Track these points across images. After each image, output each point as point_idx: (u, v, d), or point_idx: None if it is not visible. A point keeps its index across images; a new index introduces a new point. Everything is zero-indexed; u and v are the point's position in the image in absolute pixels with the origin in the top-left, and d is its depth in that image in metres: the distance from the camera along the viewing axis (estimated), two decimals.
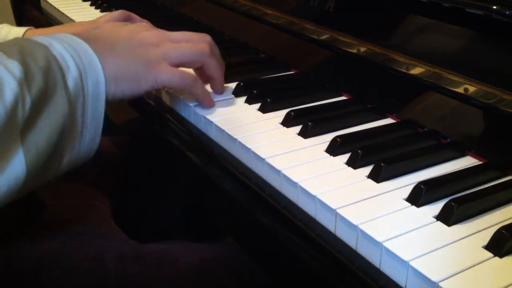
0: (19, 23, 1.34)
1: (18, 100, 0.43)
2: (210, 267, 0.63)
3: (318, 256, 0.44)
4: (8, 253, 0.57)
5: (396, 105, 0.63)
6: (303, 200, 0.47)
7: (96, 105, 0.50)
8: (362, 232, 0.42)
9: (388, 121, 0.62)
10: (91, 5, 1.10)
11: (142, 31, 0.58)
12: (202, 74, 0.64)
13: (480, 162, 0.53)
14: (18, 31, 0.74)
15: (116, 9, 1.02)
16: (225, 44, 0.89)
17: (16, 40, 0.49)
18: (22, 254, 0.57)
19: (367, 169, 0.50)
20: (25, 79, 0.44)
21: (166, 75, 0.57)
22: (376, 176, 0.49)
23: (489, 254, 0.40)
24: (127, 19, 0.82)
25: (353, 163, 0.51)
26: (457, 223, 0.43)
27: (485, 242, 0.41)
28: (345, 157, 0.52)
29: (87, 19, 0.98)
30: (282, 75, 0.75)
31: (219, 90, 0.65)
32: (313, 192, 0.46)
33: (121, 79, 0.53)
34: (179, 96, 0.64)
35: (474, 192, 0.47)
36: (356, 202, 0.45)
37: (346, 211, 0.44)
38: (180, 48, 0.59)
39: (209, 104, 0.61)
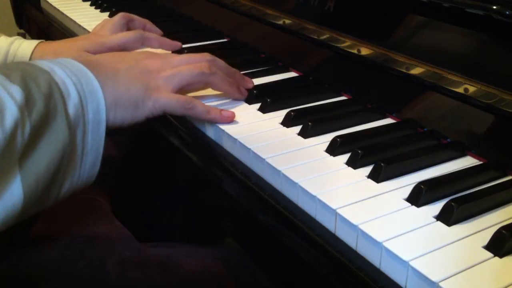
0: (19, 23, 1.34)
1: (17, 126, 0.42)
2: (212, 272, 0.63)
3: (318, 256, 0.44)
4: (11, 260, 0.57)
5: (396, 105, 0.63)
6: (303, 200, 0.47)
7: (97, 132, 0.50)
8: (362, 232, 0.42)
9: (388, 121, 0.62)
10: (91, 5, 1.10)
11: (144, 59, 0.59)
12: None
13: (480, 162, 0.53)
14: (29, 45, 0.74)
15: (116, 9, 1.02)
16: (225, 44, 0.89)
17: (19, 64, 0.49)
18: (24, 261, 0.57)
19: (367, 169, 0.50)
20: (26, 105, 0.43)
21: (163, 100, 0.57)
22: (376, 176, 0.49)
23: (489, 254, 0.40)
24: (128, 22, 0.83)
25: (353, 163, 0.51)
26: (457, 223, 0.43)
27: (485, 242, 0.41)
28: (345, 157, 0.52)
29: (87, 19, 0.98)
30: (282, 75, 0.75)
31: (236, 97, 0.65)
32: (313, 192, 0.46)
33: (120, 105, 0.54)
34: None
35: (474, 192, 0.47)
36: (356, 202, 0.45)
37: (346, 211, 0.44)
38: (179, 72, 0.59)
39: (216, 119, 0.59)
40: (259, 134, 0.57)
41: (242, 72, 0.70)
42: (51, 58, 0.74)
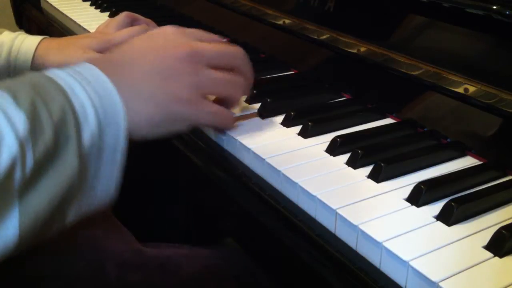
0: (19, 23, 1.34)
1: (16, 162, 0.37)
2: (212, 273, 0.63)
3: (318, 256, 0.44)
4: (11, 260, 0.57)
5: (396, 105, 0.63)
6: (303, 200, 0.47)
7: (114, 158, 0.45)
8: (362, 232, 0.42)
9: (388, 121, 0.62)
10: (91, 5, 1.10)
11: (175, 54, 0.52)
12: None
13: (480, 162, 0.53)
14: (33, 40, 0.74)
15: (116, 9, 1.02)
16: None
17: (32, 80, 0.43)
18: (23, 262, 0.57)
19: (367, 169, 0.50)
20: (31, 135, 0.38)
21: (202, 115, 0.53)
22: (376, 176, 0.49)
23: (489, 254, 0.40)
24: (132, 21, 0.82)
25: (353, 163, 0.51)
26: (457, 223, 0.43)
27: (485, 242, 0.41)
28: (345, 157, 0.52)
29: (87, 19, 0.98)
30: (282, 75, 0.75)
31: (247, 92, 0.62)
32: (313, 192, 0.46)
33: (153, 123, 0.49)
34: None
35: (474, 192, 0.47)
36: (356, 202, 0.45)
37: (346, 211, 0.44)
38: (216, 82, 0.54)
39: (228, 125, 0.57)
40: (259, 134, 0.57)
41: None
42: (55, 55, 0.73)
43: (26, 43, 0.74)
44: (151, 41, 0.54)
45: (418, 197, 0.46)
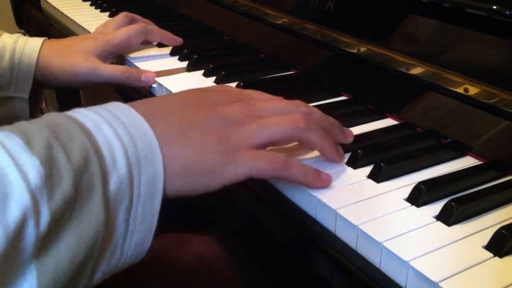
0: (19, 23, 1.34)
1: (27, 218, 0.32)
2: (206, 261, 0.62)
3: (318, 256, 0.44)
4: None
5: (396, 105, 0.63)
6: (303, 200, 0.47)
7: (149, 206, 0.39)
8: (362, 232, 0.42)
9: (388, 121, 0.62)
10: (91, 5, 1.10)
11: (224, 105, 0.46)
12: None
13: (480, 162, 0.53)
14: (35, 43, 0.74)
15: (116, 9, 1.02)
16: (225, 44, 0.89)
17: (50, 120, 0.38)
18: None
19: (367, 169, 0.50)
20: (46, 186, 0.33)
21: (251, 164, 0.44)
22: (376, 176, 0.49)
23: (489, 254, 0.40)
24: (131, 22, 0.82)
25: (353, 163, 0.51)
26: (457, 223, 0.43)
27: (485, 242, 0.41)
28: (345, 157, 0.52)
29: (87, 19, 0.98)
30: (282, 75, 0.75)
31: (334, 159, 0.51)
32: (313, 193, 0.46)
33: (190, 173, 0.42)
34: None
35: (474, 192, 0.47)
36: (356, 202, 0.45)
37: (346, 211, 0.44)
38: (269, 126, 0.46)
39: (319, 184, 0.47)
40: None
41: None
42: (58, 56, 0.73)
43: (29, 46, 0.74)
44: (199, 91, 0.49)
45: (418, 197, 0.46)
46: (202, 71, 0.75)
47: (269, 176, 0.46)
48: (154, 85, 0.72)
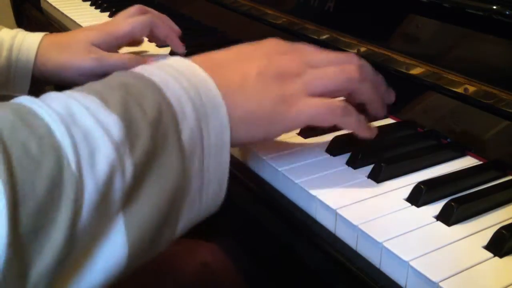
0: (19, 23, 1.34)
1: (115, 171, 0.34)
2: (212, 270, 0.62)
3: (318, 256, 0.44)
4: None
5: (396, 105, 0.63)
6: (303, 200, 0.47)
7: (220, 157, 0.41)
8: (362, 232, 0.42)
9: (388, 121, 0.62)
10: (91, 5, 1.10)
11: (277, 56, 0.47)
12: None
13: (480, 162, 0.53)
14: (34, 38, 0.72)
15: (116, 9, 1.02)
16: (225, 44, 0.89)
17: (120, 79, 0.40)
18: None
19: (367, 169, 0.50)
20: (127, 139, 0.35)
21: (309, 111, 0.45)
22: (376, 176, 0.49)
23: (489, 254, 0.40)
24: (144, 14, 0.78)
25: (353, 163, 0.51)
26: (457, 223, 0.43)
27: (485, 242, 0.41)
28: (345, 157, 0.52)
29: (87, 19, 0.98)
30: None
31: (380, 113, 0.53)
32: (313, 192, 0.46)
33: (251, 121, 0.44)
34: None
35: (474, 192, 0.47)
36: (356, 202, 0.45)
37: (346, 211, 0.44)
38: (324, 76, 0.47)
39: (370, 135, 0.50)
40: None
41: None
42: (58, 51, 0.70)
43: (28, 41, 0.71)
44: (253, 44, 0.50)
45: (418, 197, 0.46)
46: None
47: (328, 122, 0.47)
48: None
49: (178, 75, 0.41)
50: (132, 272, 0.38)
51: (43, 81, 0.74)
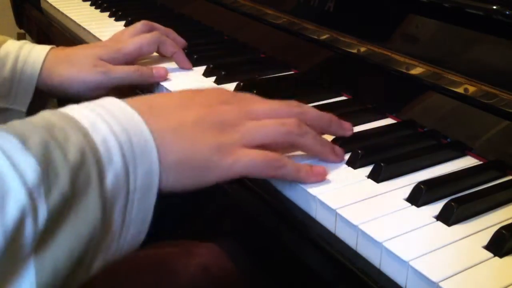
0: (19, 23, 1.34)
1: (25, 216, 0.32)
2: (212, 273, 0.62)
3: (318, 256, 0.44)
4: None
5: (396, 105, 0.63)
6: (303, 200, 0.47)
7: (145, 199, 0.40)
8: (362, 232, 0.42)
9: (388, 121, 0.62)
10: (91, 5, 1.10)
11: (218, 105, 0.47)
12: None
13: (480, 162, 0.53)
14: (41, 51, 0.71)
15: (116, 9, 1.02)
16: (225, 44, 0.89)
17: (47, 119, 0.38)
18: None
19: (367, 169, 0.50)
20: (43, 184, 0.34)
21: (245, 161, 0.44)
22: (376, 176, 0.49)
23: (489, 254, 0.40)
24: (150, 30, 0.78)
25: (353, 163, 0.51)
26: (457, 223, 0.43)
27: (485, 242, 0.41)
28: (345, 157, 0.52)
29: (87, 19, 0.98)
30: (282, 75, 0.75)
31: (336, 160, 0.51)
32: (313, 193, 0.46)
33: (184, 168, 0.43)
34: None
35: (474, 192, 0.47)
36: (356, 202, 0.45)
37: (346, 211, 0.44)
38: (262, 128, 0.47)
39: (313, 180, 0.48)
40: None
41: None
42: (64, 65, 0.69)
43: (34, 54, 0.70)
44: (194, 91, 0.50)
45: (418, 197, 0.46)
46: (202, 71, 0.75)
47: (263, 174, 0.46)
48: (162, 83, 0.71)
49: (109, 117, 0.40)
50: None
51: (47, 94, 0.73)
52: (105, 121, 0.39)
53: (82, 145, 0.37)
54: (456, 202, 0.44)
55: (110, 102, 0.42)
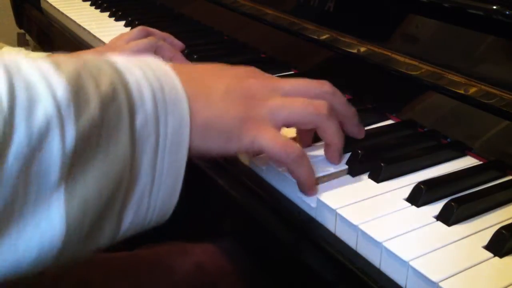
0: (19, 23, 1.34)
1: (51, 127, 0.32)
2: (208, 272, 0.62)
3: (318, 256, 0.44)
4: None
5: (396, 105, 0.63)
6: (303, 200, 0.47)
7: (176, 154, 0.39)
8: (362, 232, 0.42)
9: (388, 121, 0.62)
10: (91, 5, 1.10)
11: (249, 78, 0.47)
12: (306, 134, 0.53)
13: (480, 162, 0.53)
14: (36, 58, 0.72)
15: (116, 9, 1.02)
16: (225, 44, 0.89)
17: (82, 56, 0.38)
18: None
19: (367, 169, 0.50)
20: (73, 104, 0.33)
21: (266, 140, 0.44)
22: (376, 176, 0.49)
23: (489, 254, 0.40)
24: (147, 36, 0.77)
25: (353, 163, 0.51)
26: (457, 223, 0.43)
27: (485, 242, 0.41)
28: (345, 157, 0.52)
29: (87, 19, 0.98)
30: (283, 75, 0.75)
31: (336, 160, 0.50)
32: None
33: (210, 132, 0.42)
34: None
35: (474, 192, 0.47)
36: (356, 202, 0.45)
37: (346, 211, 0.44)
38: (291, 105, 0.46)
39: (309, 192, 0.47)
40: None
41: None
42: None
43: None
44: (227, 65, 0.50)
45: (418, 197, 0.46)
46: None
47: (279, 160, 0.45)
48: None
49: (143, 65, 0.40)
50: (63, 271, 0.36)
51: None
52: (140, 67, 0.39)
53: (115, 81, 0.36)
54: (456, 202, 0.44)
55: (148, 58, 0.42)
